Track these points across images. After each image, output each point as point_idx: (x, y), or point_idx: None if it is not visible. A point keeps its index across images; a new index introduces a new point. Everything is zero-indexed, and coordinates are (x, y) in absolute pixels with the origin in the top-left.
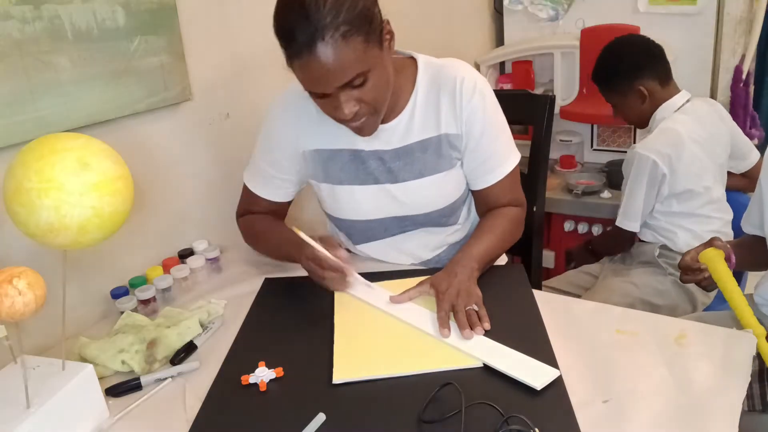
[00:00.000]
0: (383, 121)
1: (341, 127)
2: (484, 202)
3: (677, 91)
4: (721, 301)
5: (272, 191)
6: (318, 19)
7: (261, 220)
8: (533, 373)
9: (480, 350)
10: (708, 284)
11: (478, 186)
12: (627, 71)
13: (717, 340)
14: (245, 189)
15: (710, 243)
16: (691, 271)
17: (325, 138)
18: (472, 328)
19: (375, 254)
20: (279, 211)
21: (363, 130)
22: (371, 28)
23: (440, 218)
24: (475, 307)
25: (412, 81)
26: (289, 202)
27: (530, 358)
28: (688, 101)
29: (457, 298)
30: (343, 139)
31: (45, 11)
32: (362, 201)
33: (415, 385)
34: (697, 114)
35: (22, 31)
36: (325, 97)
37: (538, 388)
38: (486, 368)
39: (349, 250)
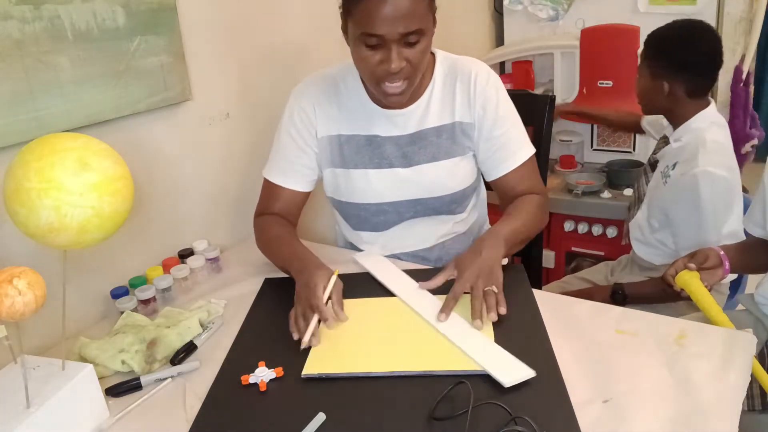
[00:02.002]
0: (402, 106)
1: (357, 113)
2: (503, 191)
3: (707, 103)
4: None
5: (292, 179)
6: None
7: (276, 225)
8: (507, 370)
9: (463, 340)
10: (688, 299)
11: (495, 175)
12: (678, 62)
13: (717, 340)
14: (265, 185)
15: (693, 256)
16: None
17: (342, 124)
18: (488, 311)
19: (382, 240)
20: (297, 204)
21: (395, 97)
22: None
23: (451, 204)
24: (494, 289)
25: (429, 71)
26: (307, 196)
27: (510, 354)
28: None
29: (477, 279)
30: (360, 125)
31: (45, 11)
32: (376, 183)
33: (416, 385)
34: (726, 129)
35: (22, 31)
36: (376, 48)
37: (506, 385)
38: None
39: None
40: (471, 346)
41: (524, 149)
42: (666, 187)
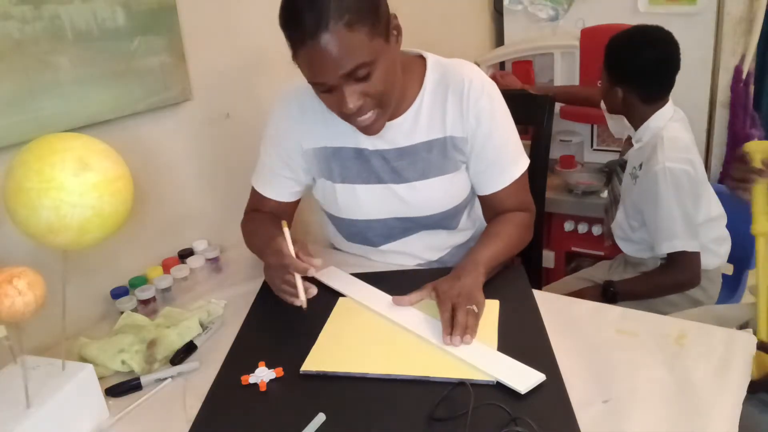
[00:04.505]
0: (388, 118)
1: (344, 124)
2: (491, 206)
3: (664, 102)
4: (723, 301)
5: (277, 190)
6: (323, 7)
7: (257, 218)
8: (518, 376)
9: (469, 354)
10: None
11: (485, 191)
12: (627, 70)
13: (717, 340)
14: (252, 191)
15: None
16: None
17: (328, 135)
18: (466, 331)
19: (378, 257)
20: (285, 212)
21: (369, 128)
22: (377, 19)
23: (443, 220)
24: (475, 308)
25: (419, 80)
26: (296, 203)
27: (517, 361)
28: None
29: (458, 297)
30: (346, 136)
31: (45, 11)
32: (365, 200)
33: (416, 386)
34: (684, 121)
35: (22, 31)
36: (329, 91)
37: (523, 392)
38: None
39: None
40: (476, 357)
41: (518, 164)
42: (636, 187)
